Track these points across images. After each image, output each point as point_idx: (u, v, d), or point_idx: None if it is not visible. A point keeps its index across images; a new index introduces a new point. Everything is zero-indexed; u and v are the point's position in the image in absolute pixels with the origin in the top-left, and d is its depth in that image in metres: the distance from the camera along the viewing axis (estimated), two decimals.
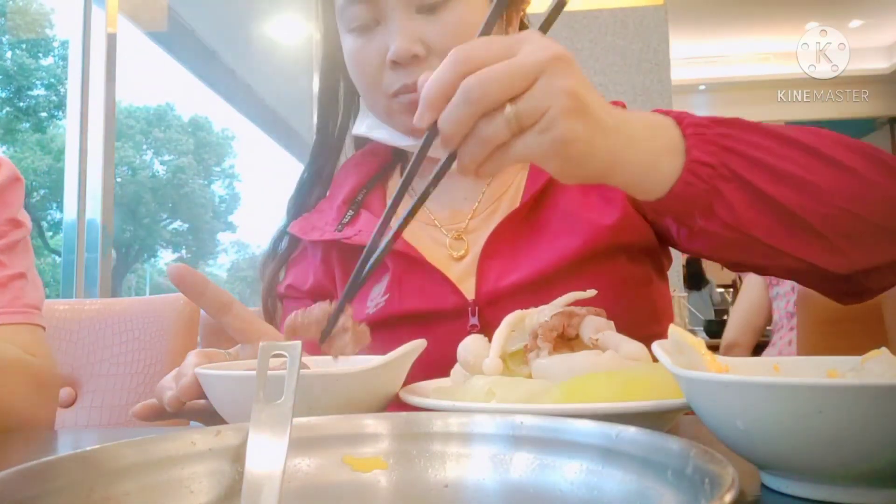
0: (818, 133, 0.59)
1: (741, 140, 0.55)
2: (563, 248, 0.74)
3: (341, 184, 0.88)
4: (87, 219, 2.39)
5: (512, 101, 0.45)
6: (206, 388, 0.54)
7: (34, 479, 0.27)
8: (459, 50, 0.46)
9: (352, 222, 0.82)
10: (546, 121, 0.46)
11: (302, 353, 0.34)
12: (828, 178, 0.56)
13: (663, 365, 0.39)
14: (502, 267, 0.75)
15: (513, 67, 0.45)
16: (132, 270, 16.41)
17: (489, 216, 0.83)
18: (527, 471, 0.33)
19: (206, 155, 17.27)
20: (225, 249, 18.24)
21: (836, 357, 0.45)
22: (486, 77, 0.45)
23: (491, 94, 0.45)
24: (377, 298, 0.79)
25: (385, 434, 0.36)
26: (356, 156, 0.91)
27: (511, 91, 0.45)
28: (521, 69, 0.45)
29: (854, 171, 0.57)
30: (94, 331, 1.18)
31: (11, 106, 14.28)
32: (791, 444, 0.32)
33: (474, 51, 0.46)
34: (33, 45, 13.79)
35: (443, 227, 0.83)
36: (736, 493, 0.22)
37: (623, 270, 0.75)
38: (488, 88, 0.45)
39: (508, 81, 0.45)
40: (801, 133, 0.58)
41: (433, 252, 0.79)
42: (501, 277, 0.75)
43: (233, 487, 0.32)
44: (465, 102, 0.45)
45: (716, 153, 0.54)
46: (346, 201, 0.85)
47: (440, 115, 0.47)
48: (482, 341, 0.56)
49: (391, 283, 0.78)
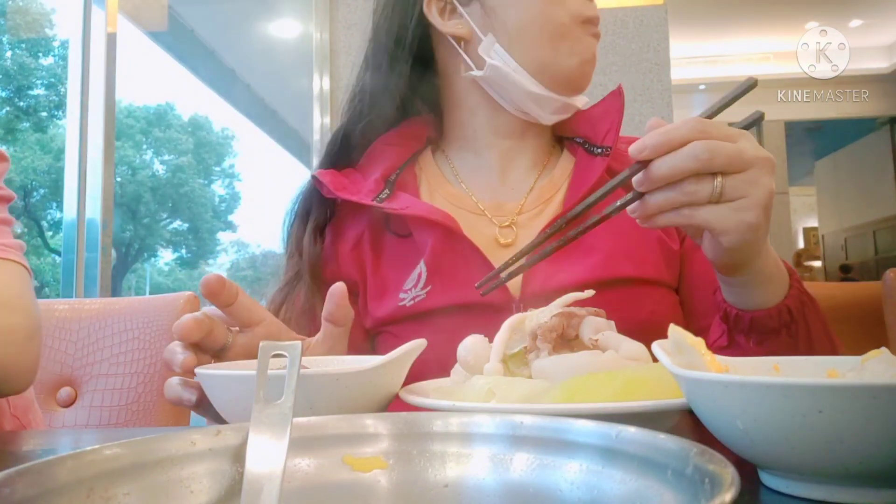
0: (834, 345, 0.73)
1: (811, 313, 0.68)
2: (610, 266, 0.78)
3: (376, 159, 0.89)
4: (87, 218, 2.39)
5: (721, 176, 0.55)
6: (206, 388, 0.54)
7: (34, 479, 0.27)
8: (698, 120, 0.56)
9: (390, 199, 0.84)
10: (743, 203, 0.55)
11: (302, 353, 0.34)
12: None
13: (663, 365, 0.39)
14: (549, 269, 0.78)
15: (736, 151, 0.54)
16: (132, 270, 16.41)
17: (535, 216, 0.86)
18: (527, 471, 0.33)
19: (205, 155, 17.27)
20: (225, 249, 18.24)
21: (836, 357, 0.45)
22: (714, 147, 0.54)
23: (713, 161, 0.54)
24: (415, 291, 0.79)
25: (385, 434, 0.36)
26: (391, 135, 0.92)
27: (727, 167, 0.55)
28: (741, 155, 0.55)
29: None
30: (94, 331, 1.18)
31: (11, 105, 14.28)
32: (791, 444, 0.32)
33: (710, 126, 0.55)
34: (33, 44, 13.79)
35: (493, 217, 0.86)
36: (736, 493, 0.22)
37: (665, 301, 0.83)
38: (714, 156, 0.54)
39: (728, 159, 0.54)
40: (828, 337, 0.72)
41: (479, 239, 0.81)
42: (549, 279, 0.77)
43: (233, 487, 0.32)
44: (689, 157, 0.54)
45: (799, 310, 0.66)
46: (383, 178, 0.87)
47: (658, 158, 0.55)
48: (482, 342, 0.56)
49: (431, 275, 0.79)
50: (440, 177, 0.91)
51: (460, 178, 0.91)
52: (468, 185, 0.90)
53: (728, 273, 0.64)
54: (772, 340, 0.66)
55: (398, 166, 0.89)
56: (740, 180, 0.55)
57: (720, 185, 0.55)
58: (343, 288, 0.61)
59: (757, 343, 0.67)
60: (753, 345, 0.67)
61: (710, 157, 0.54)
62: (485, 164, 0.90)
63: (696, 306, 0.83)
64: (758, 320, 0.66)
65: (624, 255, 0.80)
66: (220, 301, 0.59)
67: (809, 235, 11.04)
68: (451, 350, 0.57)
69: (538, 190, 0.88)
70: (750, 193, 0.55)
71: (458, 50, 0.86)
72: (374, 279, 0.84)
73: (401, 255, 0.83)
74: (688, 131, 0.55)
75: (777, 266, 0.66)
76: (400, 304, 0.80)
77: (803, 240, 11.13)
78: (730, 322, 0.68)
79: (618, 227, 0.82)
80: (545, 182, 0.89)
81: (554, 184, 0.88)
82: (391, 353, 0.52)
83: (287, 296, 0.84)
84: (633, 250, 0.81)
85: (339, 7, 2.44)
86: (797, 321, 0.66)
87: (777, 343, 0.66)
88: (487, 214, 0.86)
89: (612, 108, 0.88)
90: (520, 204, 0.87)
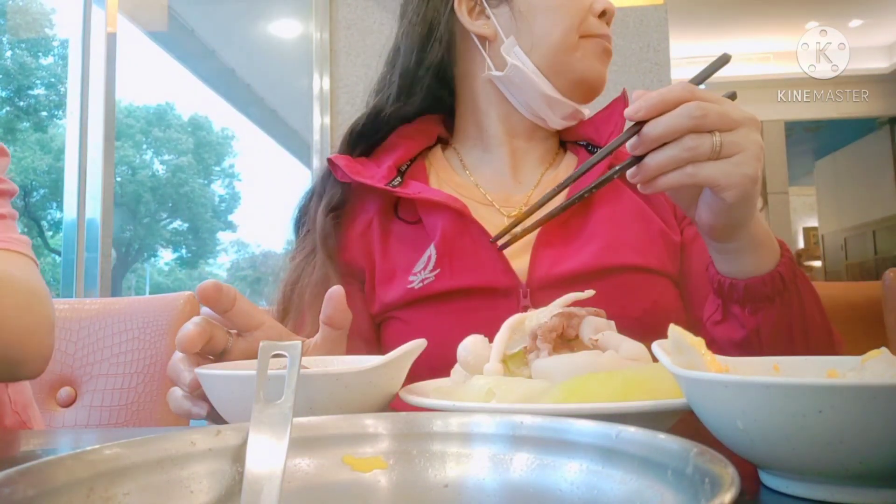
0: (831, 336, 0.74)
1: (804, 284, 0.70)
2: (614, 253, 0.80)
3: (389, 150, 0.92)
4: (87, 218, 2.39)
5: (718, 133, 0.57)
6: (206, 388, 0.53)
7: (34, 479, 0.27)
8: (686, 83, 0.59)
9: (402, 186, 0.87)
10: (742, 157, 0.58)
11: (302, 353, 0.34)
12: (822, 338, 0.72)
13: (663, 365, 0.39)
14: (556, 255, 0.81)
15: (726, 109, 0.58)
16: (132, 270, 16.41)
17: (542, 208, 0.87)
18: (527, 471, 0.33)
19: (205, 154, 17.27)
20: (225, 249, 18.25)
21: (836, 357, 0.45)
22: (706, 106, 0.57)
23: (706, 119, 0.56)
24: (424, 273, 0.81)
25: (385, 434, 0.36)
26: (406, 128, 0.95)
27: (720, 125, 0.57)
28: (731, 114, 0.58)
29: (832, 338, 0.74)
30: (94, 330, 1.18)
31: (11, 105, 14.28)
32: (791, 444, 0.32)
33: (697, 89, 0.58)
34: (33, 44, 13.79)
35: (500, 208, 0.88)
36: (736, 493, 0.22)
37: (667, 292, 0.83)
38: (706, 113, 0.56)
39: (720, 117, 0.57)
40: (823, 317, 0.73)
41: (488, 226, 0.82)
42: (555, 265, 0.80)
43: (233, 487, 0.32)
44: (683, 116, 0.56)
45: (791, 279, 0.68)
46: (395, 166, 0.89)
47: (653, 118, 0.57)
48: (482, 342, 0.56)
49: (440, 258, 0.81)
50: (449, 169, 0.94)
51: (469, 171, 0.94)
52: (477, 177, 0.93)
53: (725, 237, 0.65)
54: (766, 309, 0.68)
55: (409, 158, 0.92)
56: (736, 136, 0.58)
57: (719, 141, 0.57)
58: (341, 291, 0.61)
59: (752, 312, 0.68)
60: (748, 314, 0.68)
61: (703, 115, 0.56)
62: (494, 159, 0.93)
63: (695, 296, 0.84)
64: (752, 287, 0.67)
65: (627, 244, 0.82)
66: (219, 307, 0.59)
67: (809, 235, 11.03)
68: (458, 334, 0.58)
69: (545, 184, 0.90)
70: (746, 148, 0.58)
71: (481, 49, 0.89)
72: (383, 264, 0.86)
73: (410, 241, 0.85)
74: (679, 93, 0.58)
75: (767, 233, 0.68)
76: (409, 287, 0.81)
77: (803, 240, 11.12)
78: (724, 293, 0.69)
79: (620, 217, 0.84)
80: (550, 178, 0.91)
81: (559, 179, 0.90)
82: (391, 353, 0.52)
83: (301, 273, 0.85)
84: (636, 239, 0.83)
85: (339, 7, 2.44)
86: (790, 290, 0.68)
87: (772, 312, 0.68)
88: (495, 205, 0.89)
89: (616, 111, 0.91)
90: (527, 196, 0.89)
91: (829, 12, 6.12)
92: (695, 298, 0.84)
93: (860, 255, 9.25)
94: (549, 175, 0.92)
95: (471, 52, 0.91)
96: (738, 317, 0.69)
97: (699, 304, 0.82)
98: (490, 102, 0.92)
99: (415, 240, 0.85)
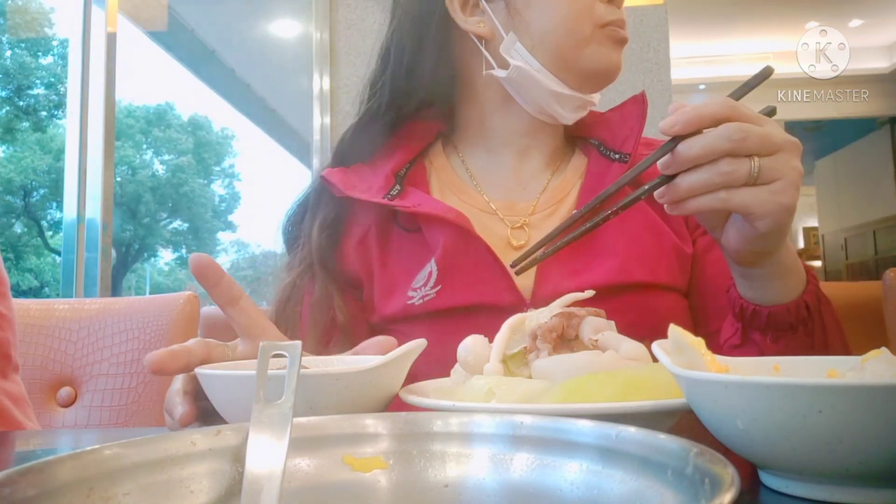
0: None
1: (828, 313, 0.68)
2: (624, 271, 0.77)
3: (386, 154, 0.87)
4: (87, 218, 2.39)
5: (757, 157, 0.54)
6: (206, 388, 0.53)
7: (34, 479, 0.27)
8: (727, 99, 0.56)
9: (401, 196, 0.82)
10: (780, 184, 0.55)
11: (302, 353, 0.34)
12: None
13: (663, 365, 0.39)
14: (561, 272, 0.77)
15: (768, 131, 0.55)
16: (132, 270, 16.41)
17: (548, 216, 0.84)
18: (527, 471, 0.33)
19: (205, 154, 17.27)
20: (225, 249, 18.25)
21: (837, 357, 0.45)
22: (748, 128, 0.54)
23: (746, 142, 0.53)
24: (425, 290, 0.78)
25: (385, 434, 0.36)
26: (404, 126, 0.90)
27: (759, 149, 0.54)
28: (772, 138, 0.55)
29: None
30: (94, 330, 1.18)
31: (11, 105, 14.28)
32: (791, 444, 0.32)
33: (739, 106, 0.55)
34: (33, 44, 13.79)
35: (504, 217, 0.85)
36: (736, 493, 0.22)
37: (676, 307, 0.81)
38: (747, 136, 0.53)
39: (761, 141, 0.54)
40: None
41: (491, 240, 0.79)
42: (561, 283, 0.75)
43: (233, 487, 0.32)
44: (723, 138, 0.54)
45: (816, 307, 0.66)
46: (392, 173, 0.85)
47: (689, 135, 0.55)
48: (483, 342, 0.56)
49: (442, 274, 0.78)
50: (451, 173, 0.90)
51: (472, 175, 0.89)
52: (480, 182, 0.88)
53: (751, 263, 0.62)
54: (788, 337, 0.65)
55: (408, 161, 0.87)
56: (775, 162, 0.55)
57: (758, 167, 0.54)
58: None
59: (773, 340, 0.66)
60: (769, 342, 0.66)
61: (744, 138, 0.53)
62: (498, 161, 0.89)
63: (708, 309, 0.82)
64: (775, 315, 0.65)
65: (638, 260, 0.78)
66: (208, 281, 0.59)
67: (809, 235, 11.04)
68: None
69: (551, 190, 0.86)
70: (785, 175, 0.55)
71: (481, 48, 0.84)
72: (382, 275, 0.83)
73: (409, 251, 0.82)
74: (717, 109, 0.55)
75: (794, 259, 0.65)
76: (408, 303, 0.78)
77: (803, 240, 11.12)
78: (745, 319, 0.67)
79: (632, 230, 0.80)
80: (557, 182, 0.87)
81: (566, 184, 0.87)
82: (391, 353, 0.52)
83: (293, 290, 0.83)
84: (647, 255, 0.79)
85: (339, 7, 2.44)
86: (814, 318, 0.65)
87: (793, 340, 0.65)
88: (499, 214, 0.85)
89: (633, 113, 0.86)
90: (532, 204, 0.85)
91: (828, 12, 6.12)
92: (704, 311, 0.82)
93: (860, 255, 9.24)
94: (555, 180, 0.87)
95: (470, 50, 0.86)
96: (758, 343, 0.67)
97: (709, 317, 0.80)
98: (493, 100, 0.87)
99: (415, 251, 0.81)
